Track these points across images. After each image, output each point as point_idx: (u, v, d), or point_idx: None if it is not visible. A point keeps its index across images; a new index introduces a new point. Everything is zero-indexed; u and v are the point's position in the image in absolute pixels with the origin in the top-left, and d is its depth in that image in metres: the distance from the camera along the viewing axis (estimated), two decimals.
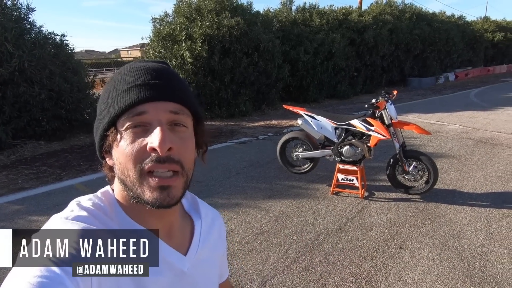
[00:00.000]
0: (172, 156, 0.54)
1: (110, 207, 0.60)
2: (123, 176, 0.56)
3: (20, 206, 3.78)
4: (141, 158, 0.54)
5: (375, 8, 15.02)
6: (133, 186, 0.55)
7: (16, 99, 5.89)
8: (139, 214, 0.59)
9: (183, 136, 0.57)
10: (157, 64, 0.60)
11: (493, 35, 22.77)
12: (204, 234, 0.71)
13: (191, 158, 0.59)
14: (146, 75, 0.57)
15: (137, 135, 0.54)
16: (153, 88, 0.56)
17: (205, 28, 8.51)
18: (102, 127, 0.57)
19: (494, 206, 3.68)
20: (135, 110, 0.54)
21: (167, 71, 0.60)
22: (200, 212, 0.73)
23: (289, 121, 8.43)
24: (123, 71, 0.59)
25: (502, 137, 6.61)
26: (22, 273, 0.47)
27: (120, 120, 0.55)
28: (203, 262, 0.68)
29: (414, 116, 8.90)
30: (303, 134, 4.28)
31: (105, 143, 0.58)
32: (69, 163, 5.28)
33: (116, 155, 0.56)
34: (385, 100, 3.78)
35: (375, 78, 14.48)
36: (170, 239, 0.63)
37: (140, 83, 0.56)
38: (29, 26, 6.37)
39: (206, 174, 4.66)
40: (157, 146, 0.52)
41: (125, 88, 0.56)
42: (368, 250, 2.89)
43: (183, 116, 0.58)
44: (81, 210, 0.57)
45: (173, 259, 0.62)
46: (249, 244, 2.97)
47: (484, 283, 2.47)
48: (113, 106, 0.56)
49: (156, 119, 0.54)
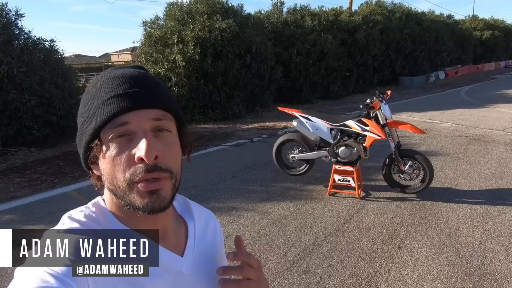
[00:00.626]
0: (159, 165, 0.54)
1: (103, 216, 0.60)
2: (113, 186, 0.56)
3: (13, 215, 3.70)
4: (129, 169, 0.54)
5: (365, 8, 15.13)
6: (123, 195, 0.56)
7: (6, 106, 5.79)
8: (132, 221, 0.59)
9: (168, 142, 0.57)
10: (135, 71, 0.60)
11: (482, 33, 23.13)
12: (199, 235, 0.71)
13: (178, 162, 0.59)
14: (125, 84, 0.56)
15: (122, 145, 0.54)
16: (134, 97, 0.55)
17: (196, 31, 8.48)
18: (85, 139, 0.57)
19: (489, 203, 3.71)
20: (117, 121, 0.54)
21: (146, 77, 0.59)
22: (193, 213, 0.73)
23: (283, 122, 8.43)
24: (100, 81, 0.59)
25: (494, 134, 6.69)
26: (20, 286, 0.47)
27: (103, 131, 0.55)
28: (202, 262, 0.68)
29: (407, 115, 8.96)
30: (298, 136, 4.27)
31: (90, 155, 0.57)
32: (62, 170, 5.20)
33: (103, 166, 0.56)
34: (380, 100, 3.80)
35: (367, 78, 14.58)
36: (165, 242, 0.63)
37: (120, 93, 0.55)
38: (17, 32, 6.27)
39: (201, 178, 4.62)
40: (143, 156, 0.52)
41: (105, 98, 0.55)
42: (367, 250, 2.89)
43: (166, 121, 0.58)
44: (73, 222, 0.57)
45: (169, 261, 0.62)
46: (247, 248, 2.92)
47: (483, 280, 2.48)
48: (94, 118, 0.55)
49: (140, 128, 0.55)
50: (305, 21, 12.22)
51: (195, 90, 8.84)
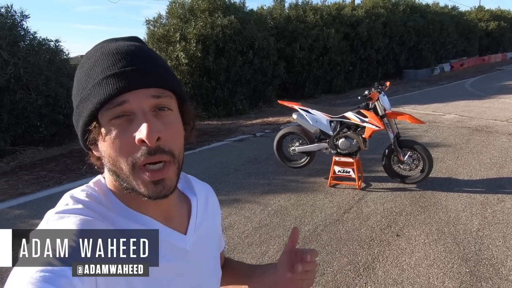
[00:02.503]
0: (161, 146, 0.53)
1: (105, 196, 0.60)
2: (116, 168, 0.55)
3: (22, 210, 3.82)
4: (131, 151, 0.53)
5: (368, 1, 15.03)
6: (127, 178, 0.55)
7: (14, 106, 5.92)
8: (134, 200, 0.59)
9: (169, 121, 0.56)
10: (131, 44, 0.57)
11: (487, 24, 22.79)
12: (201, 211, 0.72)
13: (180, 143, 0.58)
14: (121, 61, 0.54)
15: (122, 127, 0.53)
16: (131, 76, 0.53)
17: (199, 28, 8.54)
18: (82, 121, 0.55)
19: (489, 191, 3.74)
20: (115, 101, 0.52)
21: (142, 52, 0.57)
22: (195, 190, 0.74)
23: (286, 117, 8.46)
24: (94, 56, 0.56)
25: (497, 125, 6.66)
26: (25, 269, 0.47)
27: (101, 112, 0.53)
28: (203, 238, 0.69)
29: (410, 108, 8.94)
30: (299, 129, 4.32)
31: (89, 137, 0.56)
32: (69, 167, 5.32)
33: (103, 148, 0.55)
34: (378, 91, 3.83)
35: (371, 72, 14.50)
36: (169, 221, 0.63)
37: (116, 71, 0.53)
38: (23, 33, 6.40)
39: (205, 172, 4.70)
40: (145, 138, 0.51)
41: (101, 77, 0.53)
42: (366, 239, 2.94)
43: (166, 99, 0.56)
44: (76, 203, 0.56)
45: (174, 240, 0.62)
46: (248, 238, 3.02)
47: (479, 265, 2.52)
48: (90, 99, 0.53)
49: (139, 107, 0.53)
50: (308, 16, 12.21)
51: (198, 87, 8.91)
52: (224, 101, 9.24)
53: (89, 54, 0.58)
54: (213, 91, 9.05)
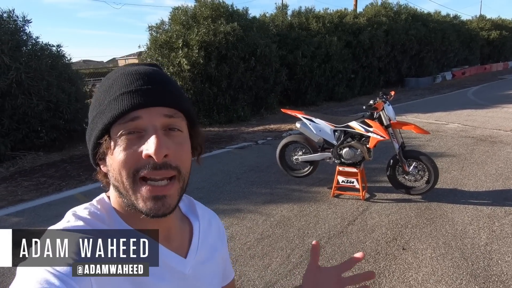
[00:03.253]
0: (168, 162, 0.54)
1: (107, 214, 0.59)
2: (117, 182, 0.55)
3: (20, 218, 3.76)
4: (135, 165, 0.53)
5: (370, 10, 15.09)
6: (126, 193, 0.55)
7: (15, 111, 5.89)
8: (136, 220, 0.58)
9: (179, 141, 0.56)
10: (149, 68, 0.60)
11: (489, 33, 22.87)
12: (203, 236, 0.70)
13: (187, 162, 0.58)
14: (138, 80, 0.56)
15: (131, 142, 0.54)
16: (146, 94, 0.55)
17: (201, 35, 8.54)
18: (95, 134, 0.56)
19: (496, 204, 3.67)
20: (128, 117, 0.53)
21: (159, 75, 0.59)
22: (198, 213, 0.73)
23: (288, 125, 8.43)
24: (113, 76, 0.58)
25: (501, 135, 6.61)
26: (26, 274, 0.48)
27: (114, 127, 0.54)
28: (204, 263, 0.68)
29: (413, 116, 8.90)
30: (302, 138, 4.27)
31: (98, 151, 0.57)
32: (69, 173, 5.27)
33: (110, 161, 0.55)
34: (383, 101, 3.78)
35: (373, 79, 14.51)
36: (169, 242, 0.62)
37: (132, 89, 0.55)
38: (25, 38, 6.39)
39: (206, 180, 4.64)
40: (153, 153, 0.51)
41: (118, 94, 0.55)
42: (371, 252, 2.87)
43: (177, 120, 0.57)
44: (77, 220, 0.56)
45: (173, 262, 0.61)
46: (251, 249, 2.95)
47: (489, 282, 2.45)
48: (105, 113, 0.55)
49: (151, 125, 0.54)
50: (310, 23, 12.24)
51: (200, 94, 8.89)
52: (225, 107, 9.22)
53: (109, 75, 0.60)
54: (215, 97, 9.03)
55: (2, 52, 5.66)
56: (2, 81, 5.61)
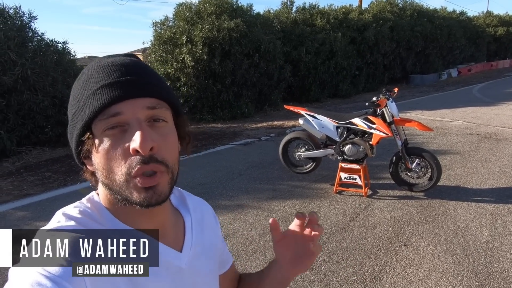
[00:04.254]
0: (155, 156, 0.52)
1: (98, 212, 0.58)
2: (108, 180, 0.54)
3: (26, 212, 3.81)
4: (125, 161, 0.52)
5: (375, 6, 14.99)
6: (120, 190, 0.53)
7: (20, 106, 5.95)
8: (128, 216, 0.58)
9: (164, 132, 0.55)
10: (126, 59, 0.57)
11: (495, 29, 22.62)
12: (196, 228, 0.69)
13: (174, 154, 0.57)
14: (115, 72, 0.53)
15: (116, 138, 0.52)
16: (126, 85, 0.52)
17: (205, 31, 8.55)
18: (76, 132, 0.54)
19: (499, 201, 3.66)
20: (109, 111, 0.51)
21: (138, 65, 0.57)
22: (188, 206, 0.72)
23: (292, 121, 8.43)
24: (90, 70, 0.56)
25: (506, 132, 6.57)
26: (22, 274, 0.46)
27: (95, 123, 0.52)
28: (199, 255, 0.67)
29: (417, 113, 8.86)
30: (305, 134, 4.28)
31: (82, 149, 0.55)
32: (73, 168, 5.31)
33: (97, 160, 0.54)
34: (386, 97, 3.78)
35: (377, 76, 14.44)
36: (164, 238, 0.61)
37: (110, 81, 0.52)
38: (31, 34, 6.44)
39: (209, 176, 4.67)
40: (138, 147, 0.50)
41: (95, 88, 0.52)
42: (372, 248, 2.88)
43: (161, 110, 0.55)
44: (68, 220, 0.55)
45: (169, 257, 0.61)
46: (253, 245, 2.98)
47: (489, 279, 2.45)
48: (84, 110, 0.53)
49: (134, 118, 0.52)
50: (315, 19, 12.18)
51: (203, 90, 8.91)
52: (229, 104, 9.23)
53: (85, 69, 0.57)
54: (218, 94, 9.04)
55: (9, 48, 5.71)
56: (8, 77, 5.66)
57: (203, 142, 6.69)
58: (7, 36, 5.73)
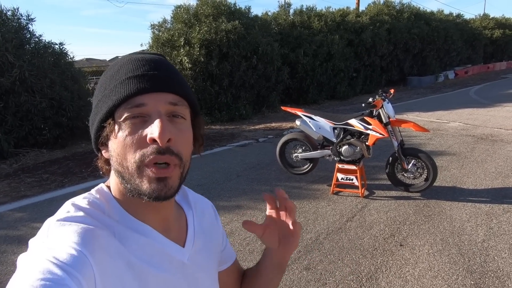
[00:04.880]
0: (171, 148, 0.54)
1: (107, 203, 0.59)
2: (121, 167, 0.55)
3: (23, 213, 3.81)
4: (140, 149, 0.53)
5: (373, 8, 15.08)
6: (131, 178, 0.55)
7: (18, 108, 5.95)
8: (136, 208, 0.59)
9: (181, 128, 0.57)
10: (155, 56, 0.60)
11: (492, 32, 22.77)
12: (198, 224, 0.71)
13: (189, 150, 0.59)
14: (144, 66, 0.56)
15: (136, 126, 0.54)
16: (152, 79, 0.55)
17: (203, 33, 8.58)
18: (99, 118, 0.56)
19: (494, 201, 3.69)
20: (133, 101, 0.54)
21: (165, 63, 0.60)
22: (190, 202, 0.74)
23: (290, 123, 8.45)
24: (120, 62, 0.59)
25: (502, 133, 6.61)
26: (24, 276, 0.45)
27: (118, 111, 0.54)
28: (201, 251, 0.69)
29: (414, 115, 8.90)
30: (302, 135, 4.30)
31: (101, 135, 0.57)
32: (71, 170, 5.32)
33: (114, 146, 0.55)
34: (382, 98, 3.80)
35: (375, 78, 14.50)
36: (168, 232, 0.63)
37: (139, 74, 0.55)
38: (29, 36, 6.44)
39: (207, 177, 4.68)
40: (157, 137, 0.52)
41: (123, 78, 0.55)
42: (369, 248, 2.90)
43: (181, 107, 0.57)
44: (77, 210, 0.55)
45: (173, 252, 0.62)
46: (250, 245, 2.99)
47: (484, 278, 2.47)
48: (111, 97, 0.55)
49: (155, 110, 0.54)
50: (312, 22, 12.24)
51: (201, 92, 8.93)
52: (227, 106, 9.25)
53: (115, 62, 0.61)
54: (216, 95, 9.06)
55: (6, 50, 5.72)
56: (6, 79, 5.67)
57: None
58: (4, 38, 5.74)
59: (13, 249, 2.99)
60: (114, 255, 0.53)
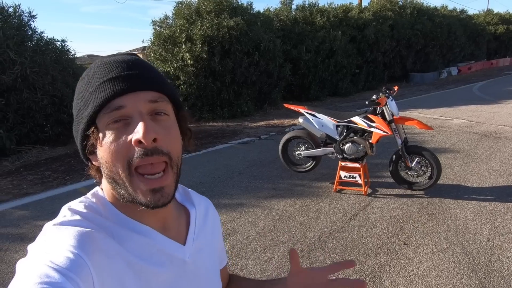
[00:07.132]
0: (159, 147, 0.53)
1: (103, 206, 0.59)
2: (113, 174, 0.54)
3: (25, 211, 3.81)
4: (127, 154, 0.53)
5: (376, 4, 14.96)
6: (124, 184, 0.54)
7: (19, 105, 5.94)
8: (132, 210, 0.59)
9: (166, 125, 0.56)
10: (127, 56, 0.59)
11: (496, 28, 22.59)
12: (200, 223, 0.71)
13: (177, 147, 0.58)
14: (117, 68, 0.55)
15: (119, 131, 0.53)
16: (128, 79, 0.54)
17: (204, 29, 8.53)
18: (81, 127, 0.56)
19: (499, 200, 3.65)
20: (112, 105, 0.53)
21: (139, 61, 0.58)
22: (194, 201, 0.74)
23: (292, 120, 8.42)
24: (93, 68, 0.58)
25: (506, 130, 6.56)
26: (22, 281, 0.46)
27: (99, 117, 0.54)
28: (202, 250, 0.69)
29: (417, 112, 8.85)
30: (304, 133, 4.27)
31: (87, 144, 0.56)
32: (73, 167, 5.32)
33: (101, 154, 0.55)
34: (386, 96, 3.77)
35: (377, 75, 14.42)
36: (166, 231, 0.63)
37: (113, 76, 0.54)
38: (30, 33, 6.42)
39: (209, 175, 4.67)
40: (141, 138, 0.51)
41: (98, 83, 0.54)
42: (372, 247, 2.88)
43: (163, 103, 0.56)
44: (74, 214, 0.56)
45: (172, 250, 0.62)
46: (252, 243, 2.97)
47: (489, 277, 2.45)
48: (89, 104, 0.54)
49: (136, 111, 0.53)
50: (314, 18, 12.16)
51: (203, 88, 8.90)
52: (229, 102, 9.22)
53: (88, 68, 0.59)
54: (218, 92, 9.03)
55: (8, 47, 5.70)
56: (7, 76, 5.66)
57: (203, 141, 6.68)
58: (6, 35, 5.72)
59: (16, 247, 2.99)
60: (113, 256, 0.53)
